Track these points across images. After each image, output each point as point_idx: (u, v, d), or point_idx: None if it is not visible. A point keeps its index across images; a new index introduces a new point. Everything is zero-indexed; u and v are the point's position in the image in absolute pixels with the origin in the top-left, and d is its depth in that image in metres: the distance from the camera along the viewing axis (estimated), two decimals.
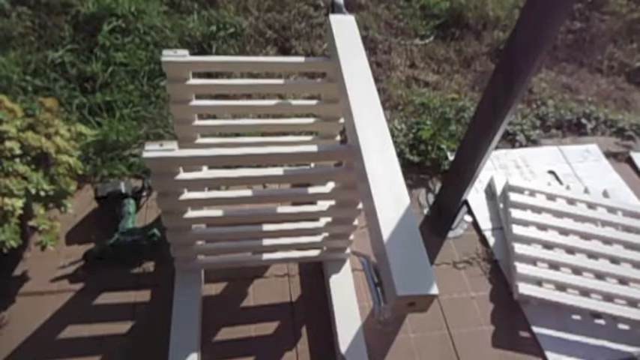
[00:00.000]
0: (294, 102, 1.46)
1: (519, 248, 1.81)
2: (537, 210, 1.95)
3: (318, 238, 1.53)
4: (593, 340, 1.68)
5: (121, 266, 1.62)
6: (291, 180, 1.57)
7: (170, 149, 1.08)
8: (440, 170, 2.13)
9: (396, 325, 1.64)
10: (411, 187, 2.06)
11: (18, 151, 1.44)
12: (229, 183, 1.29)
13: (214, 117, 2.03)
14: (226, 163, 1.17)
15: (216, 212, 1.33)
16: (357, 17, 2.01)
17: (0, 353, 1.44)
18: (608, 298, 1.76)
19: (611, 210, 2.01)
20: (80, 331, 1.50)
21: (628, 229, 1.96)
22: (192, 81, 1.32)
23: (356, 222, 1.46)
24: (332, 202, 1.38)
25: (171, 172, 1.14)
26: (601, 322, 1.74)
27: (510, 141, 2.35)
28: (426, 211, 2.00)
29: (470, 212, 2.02)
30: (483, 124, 1.63)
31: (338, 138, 1.60)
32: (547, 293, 1.73)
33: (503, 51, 1.52)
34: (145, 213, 1.79)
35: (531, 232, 1.88)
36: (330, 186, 1.36)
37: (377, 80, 2.41)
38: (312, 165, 1.62)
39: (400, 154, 2.12)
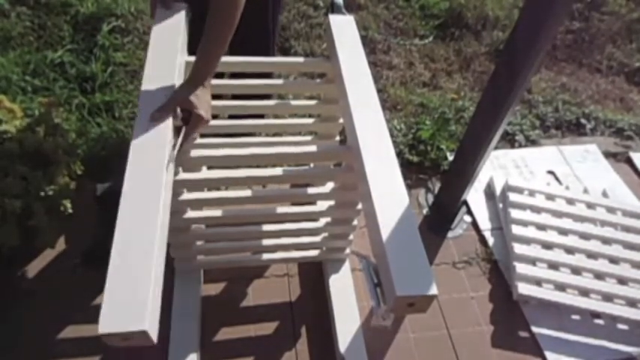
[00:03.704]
0: (294, 102, 1.46)
1: (519, 248, 1.81)
2: (537, 210, 1.95)
3: (317, 239, 1.53)
4: (592, 340, 1.69)
5: None
6: (291, 180, 1.57)
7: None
8: (439, 170, 2.13)
9: (396, 325, 1.64)
10: (410, 187, 2.07)
11: (18, 151, 1.45)
12: (228, 183, 1.29)
13: (213, 117, 2.03)
14: (225, 163, 1.17)
15: (215, 212, 1.33)
16: (357, 17, 2.02)
17: (0, 353, 1.44)
18: (608, 298, 1.76)
19: (611, 210, 2.02)
20: (80, 331, 1.50)
21: (627, 229, 1.96)
22: None
23: (355, 222, 1.46)
24: (331, 203, 1.38)
25: None
26: (600, 322, 1.74)
27: (510, 141, 2.35)
28: (425, 211, 2.00)
29: (469, 212, 2.02)
30: (483, 124, 1.63)
31: (337, 138, 1.60)
32: (546, 293, 1.73)
33: (503, 51, 1.53)
34: None
35: (531, 232, 1.88)
36: (329, 186, 1.36)
37: (376, 80, 2.42)
38: (312, 165, 1.62)
39: (400, 154, 2.12)
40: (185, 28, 1.27)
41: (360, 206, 1.36)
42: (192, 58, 1.27)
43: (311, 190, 1.32)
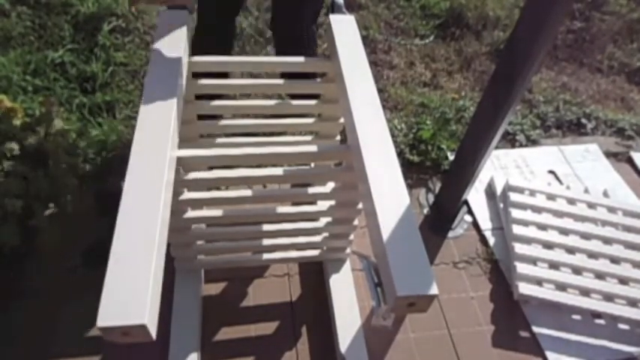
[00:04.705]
0: (294, 102, 1.46)
1: (519, 248, 1.81)
2: (537, 210, 1.95)
3: (318, 238, 1.53)
4: (593, 340, 1.69)
5: None
6: (291, 180, 1.57)
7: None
8: (440, 170, 2.13)
9: (396, 325, 1.64)
10: (411, 187, 2.06)
11: (18, 151, 1.45)
12: (229, 183, 1.29)
13: (214, 117, 2.03)
14: (226, 163, 1.17)
15: (216, 212, 1.33)
16: (357, 17, 2.01)
17: (0, 353, 1.44)
18: (609, 298, 1.76)
19: (612, 210, 2.01)
20: (80, 331, 1.50)
21: (628, 228, 1.96)
22: (192, 81, 1.32)
23: (356, 222, 1.46)
24: (332, 202, 1.38)
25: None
26: (601, 322, 1.74)
27: (510, 141, 2.35)
28: (426, 210, 2.00)
29: (470, 212, 2.02)
30: (483, 124, 1.63)
31: (338, 138, 1.60)
32: (547, 293, 1.73)
33: (503, 51, 1.53)
34: None
35: (531, 231, 1.88)
36: (330, 186, 1.36)
37: (377, 80, 2.42)
38: (312, 165, 1.62)
39: (400, 154, 2.12)
40: (188, 30, 1.27)
41: (360, 206, 1.36)
42: (194, 58, 1.28)
43: (311, 190, 1.32)
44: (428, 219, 1.97)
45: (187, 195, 1.24)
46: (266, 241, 1.50)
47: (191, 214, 1.31)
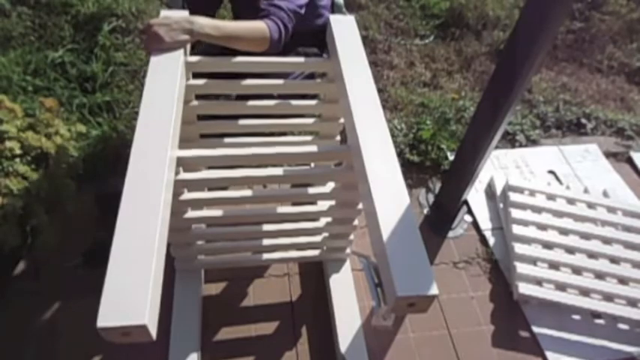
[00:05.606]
0: (294, 102, 1.46)
1: (519, 248, 1.81)
2: (537, 210, 1.95)
3: (318, 238, 1.53)
4: (593, 340, 1.69)
5: None
6: (291, 180, 1.57)
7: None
8: (440, 170, 2.13)
9: (396, 325, 1.64)
10: (411, 187, 2.07)
11: (18, 151, 1.45)
12: (229, 183, 1.29)
13: (214, 117, 2.03)
14: (226, 163, 1.17)
15: (216, 212, 1.33)
16: (357, 17, 2.02)
17: (0, 353, 1.44)
18: (608, 298, 1.76)
19: (611, 210, 2.01)
20: (80, 331, 1.50)
21: (628, 228, 1.96)
22: (192, 81, 1.32)
23: (356, 222, 1.46)
24: (332, 202, 1.38)
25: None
26: (601, 322, 1.74)
27: (510, 141, 2.35)
28: (426, 210, 2.00)
29: (470, 212, 2.02)
30: (483, 124, 1.63)
31: (338, 138, 1.60)
32: (547, 293, 1.73)
33: (503, 51, 1.53)
34: None
35: (531, 231, 1.88)
36: (330, 186, 1.36)
37: (377, 80, 2.42)
38: (312, 165, 1.62)
39: (400, 154, 2.12)
40: None
41: (360, 206, 1.36)
42: (193, 58, 1.28)
43: (311, 190, 1.32)
44: (428, 219, 1.97)
45: (187, 195, 1.24)
46: (266, 241, 1.50)
47: (191, 214, 1.31)
